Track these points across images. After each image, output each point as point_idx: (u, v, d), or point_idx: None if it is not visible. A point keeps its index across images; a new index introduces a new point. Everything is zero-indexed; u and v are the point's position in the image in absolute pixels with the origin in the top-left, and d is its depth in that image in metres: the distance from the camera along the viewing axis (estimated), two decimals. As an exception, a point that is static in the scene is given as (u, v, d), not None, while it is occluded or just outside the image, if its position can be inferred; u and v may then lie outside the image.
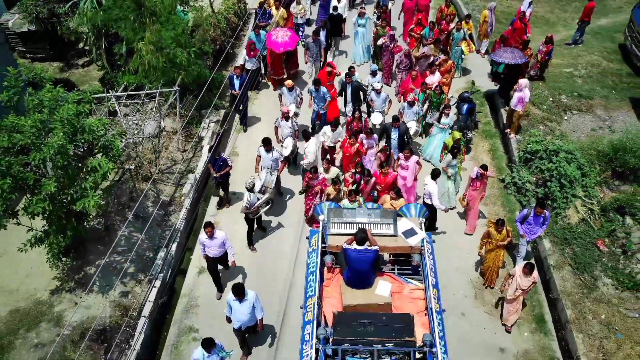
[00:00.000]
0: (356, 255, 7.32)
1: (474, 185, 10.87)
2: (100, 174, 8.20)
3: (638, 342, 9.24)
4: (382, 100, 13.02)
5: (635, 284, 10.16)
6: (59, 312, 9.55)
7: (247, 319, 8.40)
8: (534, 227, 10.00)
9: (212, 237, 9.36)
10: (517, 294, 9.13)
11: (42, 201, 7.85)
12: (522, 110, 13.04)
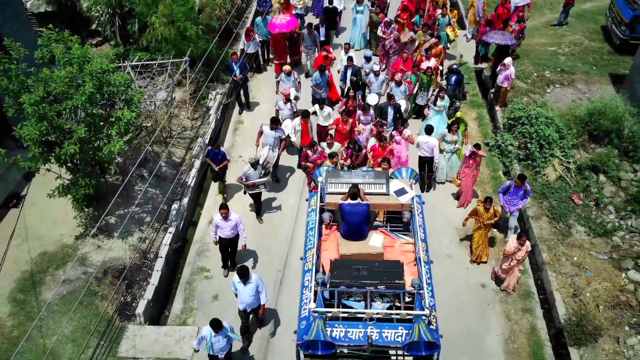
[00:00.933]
0: (350, 209, 8.16)
1: (467, 163, 11.55)
2: (123, 123, 9.23)
3: (605, 279, 10.26)
4: (380, 83, 13.89)
5: (605, 231, 11.19)
6: (84, 254, 10.56)
7: (251, 301, 8.79)
8: (515, 199, 10.72)
9: (226, 219, 9.73)
10: (512, 264, 9.79)
11: (74, 144, 8.86)
12: (508, 86, 14.07)
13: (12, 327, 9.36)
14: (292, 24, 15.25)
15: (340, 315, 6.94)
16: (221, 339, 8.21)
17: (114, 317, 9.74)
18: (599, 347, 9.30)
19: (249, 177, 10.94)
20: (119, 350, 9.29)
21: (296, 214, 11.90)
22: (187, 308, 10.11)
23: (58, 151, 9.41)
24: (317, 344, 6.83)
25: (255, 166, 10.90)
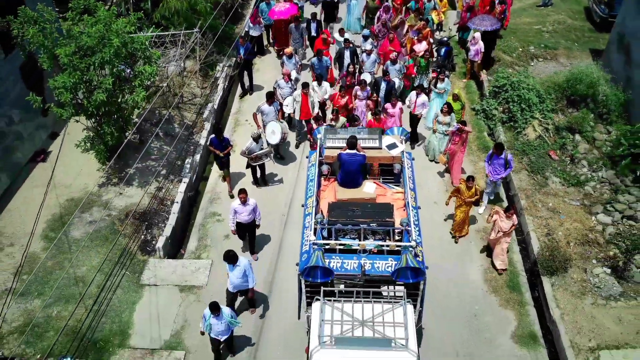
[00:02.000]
0: (348, 158, 9.24)
1: (453, 140, 12.03)
2: (145, 76, 10.38)
3: (576, 221, 11.42)
4: (372, 62, 14.76)
5: (578, 182, 12.35)
6: (107, 200, 11.72)
7: (239, 283, 9.17)
8: (498, 168, 11.31)
9: (245, 204, 10.05)
10: (498, 235, 10.33)
11: (103, 93, 10.01)
12: (479, 60, 15.14)
13: (46, 259, 10.50)
14: (291, 11, 15.83)
15: (337, 248, 7.94)
16: (220, 323, 8.45)
17: (136, 252, 10.90)
18: (568, 276, 10.46)
19: (252, 151, 11.69)
20: (141, 278, 10.45)
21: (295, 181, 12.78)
22: (201, 245, 11.27)
23: (86, 104, 10.56)
24: (317, 272, 7.81)
25: (258, 140, 11.68)
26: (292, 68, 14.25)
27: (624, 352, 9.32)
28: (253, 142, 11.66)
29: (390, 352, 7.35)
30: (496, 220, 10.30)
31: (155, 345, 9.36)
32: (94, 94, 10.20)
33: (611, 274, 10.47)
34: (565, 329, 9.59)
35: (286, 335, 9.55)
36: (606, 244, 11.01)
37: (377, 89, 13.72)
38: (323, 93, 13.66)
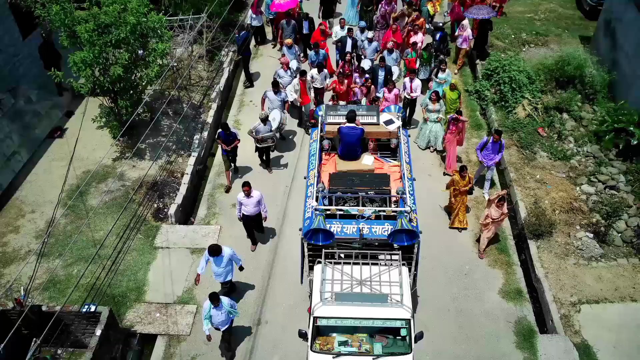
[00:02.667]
0: (347, 131, 9.99)
1: (450, 130, 12.40)
2: (159, 52, 11.12)
3: (562, 190, 12.16)
4: (373, 50, 15.46)
5: (564, 156, 13.09)
6: (121, 172, 12.47)
7: (222, 273, 9.45)
8: (492, 153, 11.74)
9: (249, 196, 10.20)
10: (487, 221, 10.61)
11: (120, 68, 10.75)
12: (467, 47, 15.81)
13: (65, 224, 11.26)
14: (290, 4, 16.07)
15: (337, 214, 8.63)
16: (220, 313, 8.62)
17: (149, 219, 11.65)
18: (553, 240, 11.21)
19: (258, 132, 12.13)
20: (155, 242, 11.20)
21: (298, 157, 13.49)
22: (210, 213, 12.01)
23: (103, 80, 11.31)
24: (318, 235, 8.48)
25: (265, 122, 12.16)
26: (292, 58, 14.74)
27: (603, 306, 10.08)
28: (260, 124, 12.13)
29: (387, 308, 8.05)
30: (488, 207, 10.60)
31: (169, 300, 10.11)
32: (110, 70, 10.93)
33: (593, 238, 11.23)
34: (549, 286, 10.35)
35: (289, 300, 10.20)
36: (589, 212, 11.76)
37: (374, 75, 14.29)
38: (323, 79, 14.17)
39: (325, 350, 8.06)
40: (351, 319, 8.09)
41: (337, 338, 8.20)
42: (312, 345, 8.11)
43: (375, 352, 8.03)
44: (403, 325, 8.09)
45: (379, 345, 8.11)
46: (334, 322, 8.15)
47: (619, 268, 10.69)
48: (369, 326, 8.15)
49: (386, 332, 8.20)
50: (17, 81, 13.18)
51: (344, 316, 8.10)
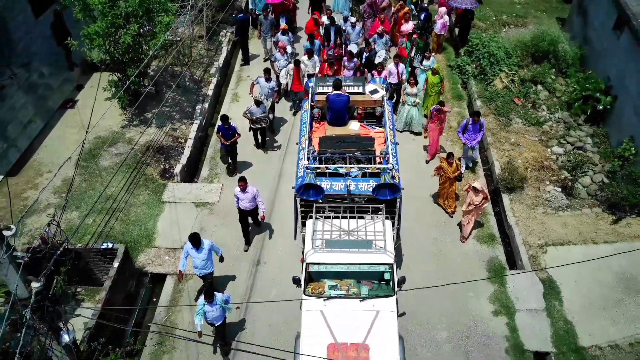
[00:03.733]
0: (335, 98, 10.95)
1: (432, 119, 12.77)
2: (164, 24, 12.20)
3: (534, 151, 13.29)
4: (357, 33, 16.32)
5: (537, 122, 14.24)
6: (129, 137, 13.53)
7: (203, 265, 9.57)
8: (473, 134, 12.38)
9: (244, 191, 10.45)
10: (470, 208, 10.99)
11: (129, 36, 11.82)
12: (445, 33, 16.82)
13: (79, 182, 12.30)
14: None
15: (327, 172, 9.50)
16: (215, 309, 8.77)
17: (157, 177, 12.72)
18: (524, 193, 12.35)
19: (253, 113, 12.76)
20: (162, 197, 12.27)
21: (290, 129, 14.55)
22: (212, 173, 13.11)
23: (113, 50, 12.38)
24: (310, 192, 9.34)
25: (259, 104, 12.90)
26: (287, 43, 15.30)
27: (567, 248, 11.23)
28: (254, 106, 12.76)
29: (371, 254, 8.90)
30: (469, 193, 10.97)
31: (177, 245, 11.18)
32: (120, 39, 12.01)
33: (561, 191, 12.38)
34: (519, 231, 11.49)
35: (283, 256, 11.12)
36: (558, 170, 12.91)
37: (361, 58, 15.21)
38: (313, 65, 14.80)
39: (316, 294, 8.85)
40: (340, 264, 8.86)
41: (328, 283, 8.99)
42: (305, 290, 8.88)
43: (362, 294, 8.83)
44: (387, 270, 8.91)
45: (365, 288, 8.91)
46: (324, 267, 8.90)
47: (583, 216, 11.85)
48: (356, 271, 8.93)
49: (371, 279, 8.99)
50: (30, 57, 14.20)
51: (333, 262, 8.87)
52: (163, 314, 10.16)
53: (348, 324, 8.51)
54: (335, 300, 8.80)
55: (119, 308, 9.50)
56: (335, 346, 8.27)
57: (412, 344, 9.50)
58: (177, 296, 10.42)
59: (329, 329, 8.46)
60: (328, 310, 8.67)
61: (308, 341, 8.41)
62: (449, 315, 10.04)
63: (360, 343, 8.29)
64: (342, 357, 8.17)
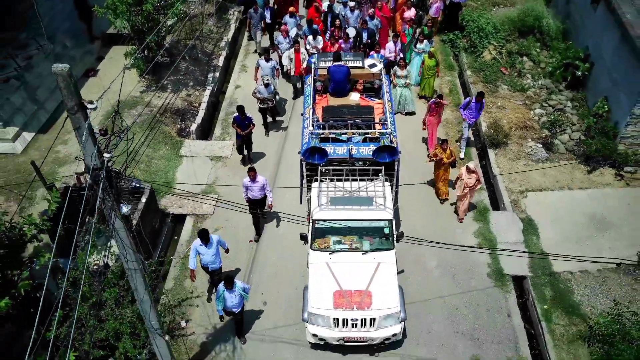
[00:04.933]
0: (335, 69, 12.00)
1: (431, 112, 13.03)
2: (179, -2, 13.50)
3: (518, 113, 14.53)
4: (355, 18, 17.25)
5: (522, 88, 15.50)
6: (147, 101, 14.77)
7: (213, 260, 9.77)
8: (474, 112, 13.05)
9: (254, 181, 10.73)
10: (465, 192, 11.44)
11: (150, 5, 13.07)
12: (439, 17, 17.76)
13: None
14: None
15: (330, 137, 10.25)
16: (234, 296, 9.02)
17: (174, 135, 13.98)
18: (508, 149, 13.62)
19: (261, 93, 13.38)
20: (180, 152, 13.53)
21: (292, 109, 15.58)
22: (224, 132, 14.37)
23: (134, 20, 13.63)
24: (315, 156, 10.08)
25: (267, 85, 13.66)
26: (292, 25, 16.38)
27: (545, 193, 12.50)
28: (262, 86, 13.41)
29: (372, 211, 9.65)
30: (461, 177, 11.38)
31: (195, 191, 12.41)
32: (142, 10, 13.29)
33: (542, 147, 13.64)
34: (502, 179, 12.76)
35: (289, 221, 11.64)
36: (540, 129, 14.18)
37: (360, 39, 16.15)
38: (316, 43, 15.75)
39: (322, 249, 9.70)
40: (344, 220, 9.51)
41: (332, 238, 9.78)
42: (312, 245, 9.71)
43: (364, 248, 9.67)
44: (386, 225, 9.72)
45: (367, 242, 9.76)
46: (329, 224, 9.55)
47: (560, 168, 13.11)
48: (359, 227, 9.66)
49: (373, 234, 9.77)
50: (54, 30, 15.45)
51: (338, 218, 9.52)
52: (184, 247, 11.42)
53: (352, 274, 9.33)
54: (340, 253, 9.60)
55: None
56: (340, 293, 9.13)
57: (405, 272, 10.73)
58: (196, 232, 11.67)
59: (335, 279, 9.31)
60: (333, 263, 9.51)
61: (316, 289, 9.26)
62: (437, 248, 11.29)
63: (363, 290, 9.14)
64: (347, 302, 9.04)
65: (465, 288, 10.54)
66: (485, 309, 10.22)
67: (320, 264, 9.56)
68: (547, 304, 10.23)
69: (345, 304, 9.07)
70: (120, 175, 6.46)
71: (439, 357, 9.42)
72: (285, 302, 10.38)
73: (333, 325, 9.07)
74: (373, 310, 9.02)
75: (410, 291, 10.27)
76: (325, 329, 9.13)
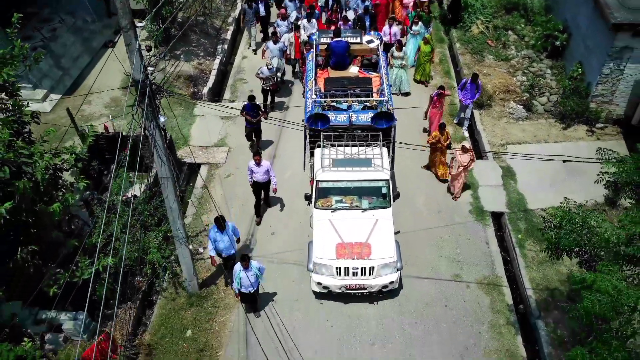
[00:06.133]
0: (335, 44, 13.21)
1: (434, 104, 13.50)
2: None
3: (502, 79, 15.88)
4: (354, 1, 18.70)
5: (506, 58, 16.85)
6: (162, 68, 16.10)
7: (228, 246, 10.02)
8: (469, 93, 13.83)
9: (259, 165, 11.24)
10: (459, 170, 12.00)
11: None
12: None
13: (124, 100, 14.89)
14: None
15: (331, 106, 11.20)
16: (250, 276, 9.28)
17: (188, 98, 15.34)
18: (492, 109, 14.98)
19: (263, 72, 14.19)
20: (193, 112, 14.89)
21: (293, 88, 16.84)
22: (233, 95, 15.74)
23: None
24: (318, 122, 10.94)
25: (268, 68, 14.58)
26: (293, 8, 17.46)
27: (523, 146, 13.86)
28: (265, 67, 14.27)
29: (371, 171, 10.47)
30: (456, 157, 11.99)
31: (208, 144, 13.80)
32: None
33: (522, 107, 15.01)
34: (486, 134, 14.12)
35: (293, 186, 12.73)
36: (521, 93, 15.54)
37: (362, 21, 17.26)
38: (312, 27, 16.63)
39: (325, 207, 10.52)
40: (344, 181, 10.39)
41: (334, 198, 10.59)
42: (316, 204, 10.51)
43: (363, 206, 10.48)
44: (384, 185, 10.53)
45: (366, 201, 10.56)
46: (332, 184, 10.42)
47: (538, 125, 14.49)
48: (358, 187, 10.50)
49: (371, 194, 10.59)
50: (75, 6, 16.85)
51: (339, 179, 10.38)
52: (200, 191, 12.79)
53: (352, 228, 10.12)
54: (341, 211, 10.41)
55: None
56: (342, 245, 9.94)
57: (396, 209, 12.04)
58: (210, 178, 13.04)
59: (337, 233, 10.10)
60: (335, 219, 10.29)
61: (319, 242, 10.02)
62: (425, 190, 12.68)
63: (363, 242, 9.95)
64: (349, 253, 9.85)
65: (449, 222, 11.91)
66: (467, 238, 11.59)
67: (323, 220, 10.34)
68: (521, 234, 11.59)
69: (346, 254, 9.85)
70: (160, 89, 7.70)
71: (425, 274, 10.77)
72: (291, 233, 11.74)
73: (336, 273, 9.84)
74: (372, 260, 9.80)
75: (401, 224, 11.60)
76: (329, 278, 9.90)
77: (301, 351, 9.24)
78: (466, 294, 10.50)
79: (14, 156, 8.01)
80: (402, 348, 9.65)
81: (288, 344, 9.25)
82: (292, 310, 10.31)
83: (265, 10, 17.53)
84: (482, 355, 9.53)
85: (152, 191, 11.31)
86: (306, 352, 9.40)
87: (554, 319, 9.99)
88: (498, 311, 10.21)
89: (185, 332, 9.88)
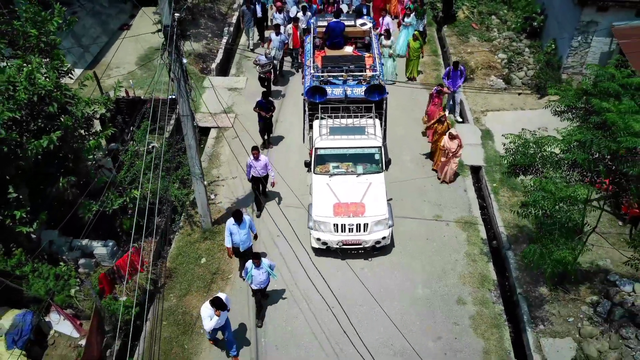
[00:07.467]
0: (334, 25, 14.75)
1: (433, 102, 14.04)
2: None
3: (484, 57, 17.44)
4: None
5: (489, 39, 18.40)
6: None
7: (245, 239, 10.31)
8: (454, 80, 14.73)
9: (257, 159, 11.58)
10: (449, 156, 12.63)
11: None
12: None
13: (141, 74, 16.39)
14: None
15: (328, 80, 12.37)
16: (261, 273, 9.51)
17: (198, 72, 16.87)
18: (474, 82, 16.50)
19: (260, 60, 15.22)
20: (204, 85, 16.40)
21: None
22: (239, 71, 17.29)
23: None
24: (316, 95, 12.17)
25: (266, 56, 15.80)
26: (293, 3, 18.52)
27: (501, 113, 15.38)
28: (262, 56, 15.36)
29: (365, 139, 11.64)
30: (444, 144, 12.50)
31: (217, 111, 15.28)
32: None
33: (502, 81, 16.52)
34: (468, 103, 15.63)
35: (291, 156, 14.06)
36: (502, 68, 17.07)
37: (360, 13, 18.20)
38: (307, 19, 17.52)
39: (323, 172, 11.58)
40: (341, 148, 11.49)
41: (331, 164, 11.64)
42: (314, 170, 11.56)
43: (358, 172, 11.58)
44: (376, 151, 11.61)
45: (360, 167, 11.66)
46: (329, 151, 11.47)
47: (515, 94, 16.00)
48: (353, 154, 11.55)
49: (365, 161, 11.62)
50: (92, -7, 18.41)
51: (336, 146, 11.47)
52: (210, 149, 14.28)
53: (348, 190, 11.14)
54: (338, 176, 11.47)
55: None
56: (339, 204, 10.96)
57: (386, 163, 13.56)
58: (220, 139, 14.53)
59: (334, 194, 11.13)
60: (332, 183, 11.34)
61: (318, 203, 11.03)
62: (412, 147, 14.17)
63: (358, 202, 10.96)
64: (345, 211, 10.87)
65: (431, 174, 13.40)
66: (447, 187, 13.06)
67: (321, 184, 11.37)
68: (495, 183, 13.07)
69: (343, 212, 10.85)
70: (183, 33, 9.16)
71: (411, 215, 12.23)
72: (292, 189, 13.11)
73: (333, 230, 10.82)
74: (366, 217, 10.77)
75: (390, 174, 13.04)
76: (327, 234, 10.86)
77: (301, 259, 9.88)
78: (445, 231, 11.96)
79: (60, 95, 9.49)
80: (388, 272, 11.08)
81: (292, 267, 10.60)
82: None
83: (262, 12, 18.18)
84: (458, 277, 10.96)
85: (170, 142, 12.78)
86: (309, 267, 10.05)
87: (522, 250, 11.43)
88: (473, 244, 11.66)
89: (200, 260, 11.33)
